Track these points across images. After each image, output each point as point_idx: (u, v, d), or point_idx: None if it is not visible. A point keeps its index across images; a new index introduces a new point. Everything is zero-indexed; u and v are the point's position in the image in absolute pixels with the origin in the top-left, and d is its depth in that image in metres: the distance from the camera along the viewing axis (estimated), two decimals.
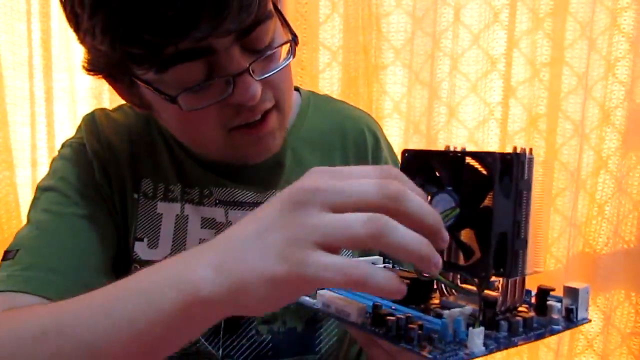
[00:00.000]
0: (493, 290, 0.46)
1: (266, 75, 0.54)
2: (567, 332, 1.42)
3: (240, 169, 0.64)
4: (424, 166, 0.46)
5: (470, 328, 0.39)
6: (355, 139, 0.72)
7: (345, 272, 0.35)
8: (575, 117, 1.27)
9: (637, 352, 1.43)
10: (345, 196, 0.36)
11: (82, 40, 0.54)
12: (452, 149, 0.45)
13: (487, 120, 1.29)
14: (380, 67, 1.27)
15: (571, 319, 0.46)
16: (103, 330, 0.39)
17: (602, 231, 1.37)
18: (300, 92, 0.75)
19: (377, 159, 0.73)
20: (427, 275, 0.45)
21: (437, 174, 0.45)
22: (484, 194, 0.42)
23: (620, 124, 1.32)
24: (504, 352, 1.45)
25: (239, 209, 0.63)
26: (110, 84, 0.59)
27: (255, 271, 0.36)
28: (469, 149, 0.44)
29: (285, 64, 0.56)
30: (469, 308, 0.43)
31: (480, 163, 0.42)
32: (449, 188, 0.43)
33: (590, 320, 0.47)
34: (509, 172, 0.41)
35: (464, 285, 0.47)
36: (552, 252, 1.33)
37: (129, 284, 0.41)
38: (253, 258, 0.36)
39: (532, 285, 0.47)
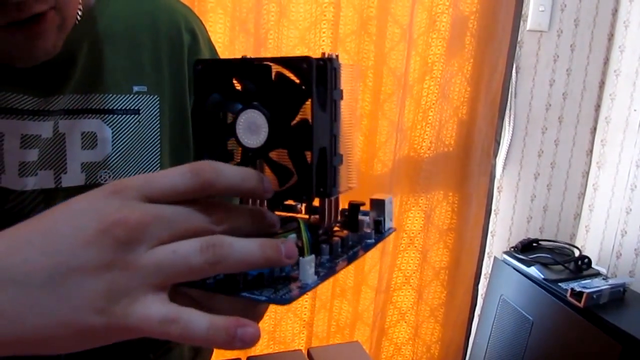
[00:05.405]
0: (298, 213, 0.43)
1: None
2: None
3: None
4: (223, 79, 0.39)
5: (300, 257, 0.35)
6: (170, 36, 0.62)
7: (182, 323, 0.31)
8: (403, 22, 1.26)
9: (451, 246, 1.56)
10: (173, 222, 0.32)
11: None
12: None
13: (319, 21, 1.23)
14: None
15: (380, 230, 0.45)
16: None
17: (426, 135, 1.42)
18: None
19: None
20: None
21: (240, 88, 0.39)
22: (297, 107, 0.37)
23: (445, 31, 1.34)
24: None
25: (14, 118, 0.51)
26: None
27: (60, 324, 0.29)
28: (299, 52, 0.38)
29: None
30: (293, 237, 0.38)
31: (293, 71, 0.37)
32: (255, 103, 0.38)
33: (396, 229, 0.48)
34: (323, 80, 0.37)
35: (280, 213, 0.42)
36: (379, 156, 1.35)
37: None
38: (56, 307, 0.29)
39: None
